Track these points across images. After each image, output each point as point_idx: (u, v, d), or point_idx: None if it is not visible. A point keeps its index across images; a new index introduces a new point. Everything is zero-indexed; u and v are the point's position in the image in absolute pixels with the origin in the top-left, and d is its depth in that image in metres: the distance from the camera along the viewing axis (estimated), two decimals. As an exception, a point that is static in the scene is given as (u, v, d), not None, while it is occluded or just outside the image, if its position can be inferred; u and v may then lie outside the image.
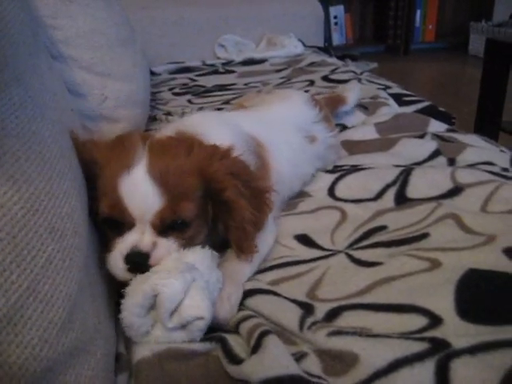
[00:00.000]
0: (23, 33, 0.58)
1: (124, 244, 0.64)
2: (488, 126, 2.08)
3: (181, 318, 0.59)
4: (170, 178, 0.64)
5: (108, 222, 0.66)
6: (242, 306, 0.67)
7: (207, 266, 0.65)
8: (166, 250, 0.64)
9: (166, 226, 0.65)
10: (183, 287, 0.59)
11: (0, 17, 0.49)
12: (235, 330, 0.63)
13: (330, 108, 1.20)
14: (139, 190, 0.63)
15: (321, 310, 0.65)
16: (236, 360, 0.58)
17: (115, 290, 0.65)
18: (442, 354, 0.53)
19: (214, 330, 0.64)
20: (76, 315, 0.49)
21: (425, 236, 0.75)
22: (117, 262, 0.63)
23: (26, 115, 0.53)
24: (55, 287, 0.46)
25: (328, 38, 4.43)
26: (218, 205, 0.70)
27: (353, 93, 1.29)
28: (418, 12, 4.56)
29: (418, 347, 0.54)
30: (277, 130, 0.86)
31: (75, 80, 1.10)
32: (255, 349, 0.57)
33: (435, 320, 0.59)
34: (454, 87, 3.60)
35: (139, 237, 0.64)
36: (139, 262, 0.63)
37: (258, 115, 0.93)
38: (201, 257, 0.66)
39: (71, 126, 0.73)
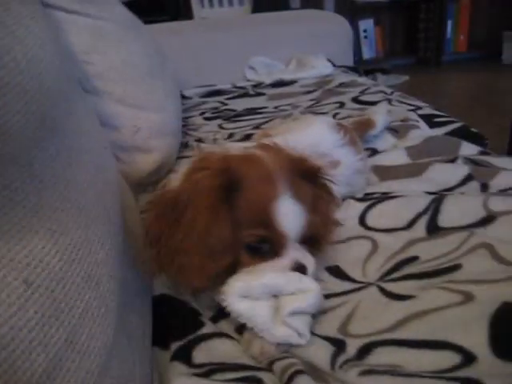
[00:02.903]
0: (59, 80, 0.60)
1: (285, 261, 0.69)
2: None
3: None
4: (302, 195, 0.70)
5: (253, 247, 0.69)
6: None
7: None
8: (310, 262, 0.73)
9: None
10: None
11: (37, 73, 0.50)
12: (269, 367, 0.64)
13: (359, 132, 1.19)
14: (292, 213, 0.69)
15: (352, 346, 0.65)
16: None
17: (149, 328, 0.66)
18: (475, 396, 0.52)
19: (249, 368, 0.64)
20: (112, 361, 0.50)
21: (457, 267, 0.75)
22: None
23: (62, 164, 0.55)
24: (92, 336, 0.47)
25: (358, 51, 4.44)
26: None
27: (380, 116, 1.29)
28: (449, 23, 4.52)
29: (451, 388, 0.54)
30: None
31: (109, 113, 1.13)
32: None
33: (468, 357, 0.58)
34: (488, 98, 3.55)
35: (296, 253, 0.70)
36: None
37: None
38: None
39: (105, 165, 0.76)
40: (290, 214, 0.68)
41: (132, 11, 1.46)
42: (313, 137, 1.00)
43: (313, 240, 0.76)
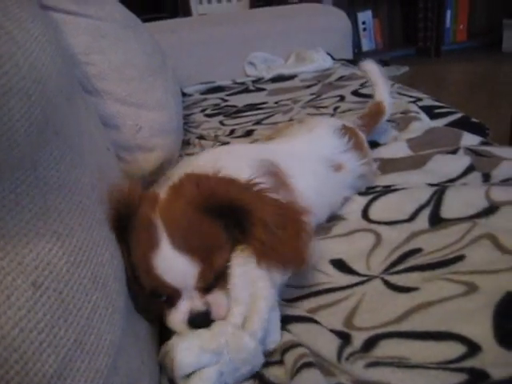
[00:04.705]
0: (60, 83, 0.60)
1: (180, 313, 0.66)
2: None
3: None
4: (194, 239, 0.65)
5: (154, 294, 0.67)
6: (285, 330, 0.68)
7: None
8: (220, 302, 0.67)
9: (210, 282, 0.67)
10: None
11: (38, 78, 0.51)
12: (280, 357, 0.65)
13: (373, 122, 1.20)
14: (173, 266, 0.64)
15: (358, 339, 0.65)
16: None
17: (157, 327, 0.67)
18: (480, 386, 0.53)
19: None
20: (121, 360, 0.51)
21: (460, 258, 0.75)
22: (180, 327, 0.66)
23: (66, 166, 0.55)
24: (100, 336, 0.48)
25: (357, 44, 4.42)
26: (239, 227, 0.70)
27: (387, 96, 1.26)
28: (449, 12, 4.49)
29: (456, 379, 0.54)
30: (299, 161, 0.89)
31: (110, 113, 1.14)
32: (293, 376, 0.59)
33: (473, 348, 0.59)
34: (489, 87, 3.53)
35: (191, 302, 0.66)
36: (203, 321, 0.65)
37: (280, 147, 0.95)
38: None
39: (108, 166, 0.76)
40: (172, 268, 0.64)
41: (130, 10, 1.46)
42: (315, 142, 1.00)
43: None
